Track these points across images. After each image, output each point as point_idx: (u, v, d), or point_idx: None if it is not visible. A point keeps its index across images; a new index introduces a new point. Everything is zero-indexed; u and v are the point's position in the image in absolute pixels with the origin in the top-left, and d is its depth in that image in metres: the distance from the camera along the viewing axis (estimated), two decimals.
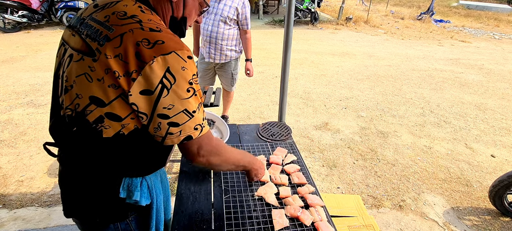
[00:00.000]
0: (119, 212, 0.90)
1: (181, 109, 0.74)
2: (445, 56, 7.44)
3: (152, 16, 0.77)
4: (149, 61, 0.69)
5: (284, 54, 1.84)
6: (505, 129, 3.84)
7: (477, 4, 17.44)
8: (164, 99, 0.72)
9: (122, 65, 0.70)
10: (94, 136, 0.77)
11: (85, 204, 0.89)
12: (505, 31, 11.74)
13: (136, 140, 0.80)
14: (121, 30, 0.72)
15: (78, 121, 0.77)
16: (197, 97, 0.78)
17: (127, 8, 0.77)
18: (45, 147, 0.89)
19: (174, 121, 0.75)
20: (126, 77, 0.70)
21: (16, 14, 7.71)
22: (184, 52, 0.73)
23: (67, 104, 0.79)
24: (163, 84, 0.71)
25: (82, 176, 0.86)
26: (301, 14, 10.87)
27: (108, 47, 0.71)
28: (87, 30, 0.77)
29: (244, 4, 2.72)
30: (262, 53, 6.86)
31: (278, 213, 1.13)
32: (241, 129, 1.82)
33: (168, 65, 0.70)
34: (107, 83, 0.72)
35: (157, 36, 0.72)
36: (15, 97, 3.97)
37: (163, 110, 0.73)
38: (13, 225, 2.08)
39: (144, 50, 0.69)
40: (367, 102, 4.42)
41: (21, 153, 2.84)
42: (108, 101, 0.73)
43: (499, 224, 2.33)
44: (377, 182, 2.72)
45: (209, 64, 2.96)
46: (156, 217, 0.97)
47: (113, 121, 0.75)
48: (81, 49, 0.76)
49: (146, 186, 0.91)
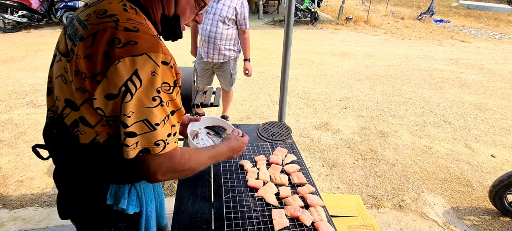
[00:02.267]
0: (108, 218, 0.86)
1: (142, 119, 0.66)
2: (445, 56, 7.44)
3: (134, 15, 0.71)
4: (115, 62, 0.63)
5: (284, 54, 1.84)
6: (505, 129, 3.84)
7: (477, 4, 17.44)
8: (126, 105, 0.64)
9: (89, 66, 0.65)
10: (72, 140, 0.73)
11: (76, 208, 0.87)
12: (505, 31, 11.73)
13: (114, 148, 0.72)
14: (95, 29, 0.67)
15: (57, 123, 0.75)
16: (164, 109, 0.69)
17: (110, 6, 0.71)
18: (34, 149, 0.86)
19: (131, 130, 0.66)
20: (91, 79, 0.65)
21: (16, 14, 7.71)
22: (158, 56, 0.66)
23: (50, 106, 0.78)
24: (127, 88, 0.64)
25: (71, 180, 0.84)
26: (301, 14, 10.86)
27: (80, 46, 0.66)
28: (70, 30, 0.74)
29: (243, 4, 2.72)
30: (262, 53, 6.86)
31: (278, 213, 1.13)
32: (241, 129, 1.82)
33: (136, 68, 0.64)
34: (76, 86, 0.67)
35: (131, 36, 0.66)
36: (15, 97, 3.97)
37: (123, 117, 0.65)
38: (13, 225, 2.08)
39: (114, 50, 0.64)
40: (367, 102, 4.42)
41: (21, 153, 2.84)
42: (78, 105, 0.69)
43: (499, 224, 2.33)
44: (377, 182, 2.72)
45: (207, 64, 2.96)
46: (146, 225, 0.91)
47: (86, 126, 0.71)
48: (62, 50, 0.74)
49: (135, 193, 0.86)
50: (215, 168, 1.43)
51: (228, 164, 1.46)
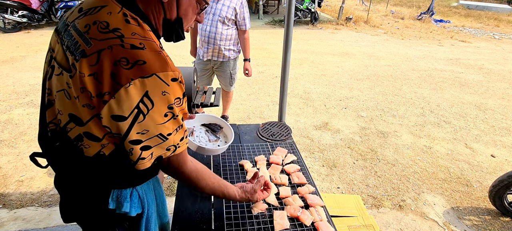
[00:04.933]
0: (112, 221, 0.88)
1: (156, 134, 0.70)
2: (445, 56, 7.44)
3: (138, 29, 0.69)
4: (125, 84, 0.62)
5: (284, 54, 1.84)
6: (505, 129, 3.84)
7: (477, 4, 17.43)
8: (139, 125, 0.67)
9: (95, 85, 0.64)
10: (76, 153, 0.74)
11: (79, 212, 0.88)
12: (505, 31, 11.73)
13: (119, 158, 0.75)
14: (99, 46, 0.64)
15: (60, 136, 0.75)
16: (176, 120, 0.73)
17: (110, 18, 0.68)
18: (32, 158, 0.86)
19: (147, 144, 0.71)
20: (98, 98, 0.65)
21: (16, 14, 7.70)
22: (167, 75, 0.67)
23: (51, 119, 0.77)
24: (139, 110, 0.65)
25: (72, 186, 0.85)
26: (301, 14, 10.86)
27: (83, 64, 0.64)
28: (68, 41, 0.71)
29: (242, 4, 2.71)
30: (262, 53, 6.86)
31: (279, 215, 1.13)
32: (241, 129, 1.83)
33: (146, 89, 0.64)
34: (82, 103, 0.67)
35: (139, 55, 0.64)
36: (15, 97, 3.97)
37: (137, 135, 0.68)
38: (13, 225, 2.08)
39: (122, 71, 0.62)
40: (367, 102, 4.42)
41: (21, 153, 2.84)
42: (85, 121, 0.69)
43: (499, 224, 2.33)
44: (377, 182, 2.72)
45: (207, 64, 2.96)
46: (146, 225, 0.93)
47: (91, 140, 0.71)
48: (61, 63, 0.72)
49: (137, 196, 0.87)
50: (215, 168, 1.43)
51: (228, 164, 1.46)
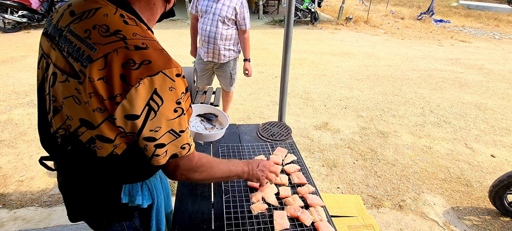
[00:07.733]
0: (124, 214, 0.92)
1: (168, 130, 0.73)
2: (445, 56, 7.44)
3: (137, 29, 0.72)
4: (135, 84, 0.66)
5: (284, 54, 1.84)
6: (505, 129, 3.84)
7: (477, 4, 17.42)
8: (151, 122, 0.70)
9: (106, 88, 0.67)
10: (88, 154, 0.77)
11: (89, 210, 0.90)
12: (505, 31, 11.73)
13: (131, 156, 0.79)
14: (105, 50, 0.66)
15: (71, 140, 0.77)
16: (185, 117, 0.76)
17: (108, 20, 0.70)
18: (41, 162, 0.88)
19: (161, 142, 0.74)
20: (110, 100, 0.67)
21: (16, 14, 7.70)
22: (172, 71, 0.70)
23: (59, 125, 0.78)
24: (150, 107, 0.69)
25: (83, 186, 0.87)
26: (301, 14, 10.85)
27: (92, 69, 0.66)
28: (68, 47, 0.72)
29: (243, 4, 2.71)
30: (262, 53, 6.85)
31: (279, 215, 1.13)
32: (241, 128, 1.82)
33: (155, 87, 0.68)
34: (93, 107, 0.69)
35: (144, 55, 0.67)
36: (15, 97, 3.97)
37: (150, 133, 0.72)
38: (13, 225, 2.08)
39: (130, 72, 0.66)
40: (367, 102, 4.42)
41: (21, 153, 2.84)
42: (96, 124, 0.72)
43: (499, 224, 2.33)
44: (377, 182, 2.72)
45: (207, 65, 2.95)
46: (156, 215, 0.99)
47: (104, 142, 0.74)
48: (65, 70, 0.72)
49: (147, 188, 0.93)
50: None
51: None
